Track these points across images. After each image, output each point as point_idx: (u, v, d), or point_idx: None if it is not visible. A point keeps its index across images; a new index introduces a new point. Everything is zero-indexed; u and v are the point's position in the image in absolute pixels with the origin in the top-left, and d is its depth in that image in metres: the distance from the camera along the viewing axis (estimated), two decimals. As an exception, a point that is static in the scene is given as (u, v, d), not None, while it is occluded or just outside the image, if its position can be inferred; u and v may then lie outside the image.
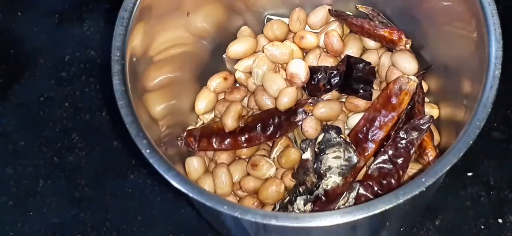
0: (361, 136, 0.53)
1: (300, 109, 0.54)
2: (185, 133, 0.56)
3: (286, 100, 0.54)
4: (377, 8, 0.58)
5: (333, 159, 0.50)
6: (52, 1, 0.74)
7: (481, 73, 0.45)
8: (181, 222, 0.61)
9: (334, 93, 0.56)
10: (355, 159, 0.50)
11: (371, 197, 0.49)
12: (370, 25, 0.57)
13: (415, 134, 0.50)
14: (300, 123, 0.54)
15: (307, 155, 0.51)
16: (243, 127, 0.55)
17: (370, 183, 0.49)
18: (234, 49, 0.58)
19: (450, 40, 0.52)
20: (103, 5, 0.73)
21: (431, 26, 0.54)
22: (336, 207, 0.49)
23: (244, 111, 0.57)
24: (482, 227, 0.59)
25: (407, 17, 0.56)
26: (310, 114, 0.54)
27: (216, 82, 0.57)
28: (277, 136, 0.55)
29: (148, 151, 0.43)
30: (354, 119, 0.54)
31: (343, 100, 0.56)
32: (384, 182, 0.49)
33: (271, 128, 0.54)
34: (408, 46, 0.56)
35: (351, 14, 0.59)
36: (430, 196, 0.54)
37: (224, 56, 0.60)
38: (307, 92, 0.56)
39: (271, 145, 0.56)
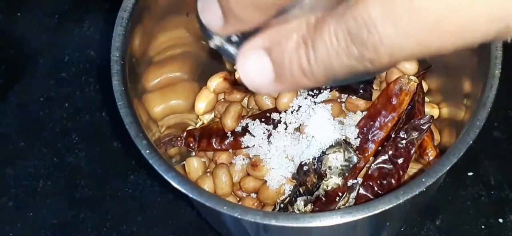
0: (361, 136, 0.53)
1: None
2: (185, 134, 0.56)
3: (286, 100, 0.54)
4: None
5: (334, 160, 0.50)
6: (52, 1, 0.74)
7: (481, 73, 0.44)
8: (181, 223, 0.61)
9: (334, 93, 0.56)
10: (355, 159, 0.50)
11: (371, 197, 0.49)
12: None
13: (415, 134, 0.50)
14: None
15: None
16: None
17: (370, 183, 0.49)
18: (234, 49, 0.58)
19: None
20: (103, 5, 0.73)
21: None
22: (336, 207, 0.49)
23: (244, 111, 0.57)
24: (483, 227, 0.58)
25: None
26: None
27: (215, 82, 0.57)
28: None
29: (147, 151, 0.43)
30: (354, 119, 0.54)
31: (343, 100, 0.56)
32: (384, 182, 0.49)
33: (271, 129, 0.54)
34: (408, 46, 0.56)
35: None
36: (431, 196, 0.54)
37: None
38: (307, 92, 0.56)
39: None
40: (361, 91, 0.54)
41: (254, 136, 0.53)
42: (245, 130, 0.54)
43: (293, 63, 0.22)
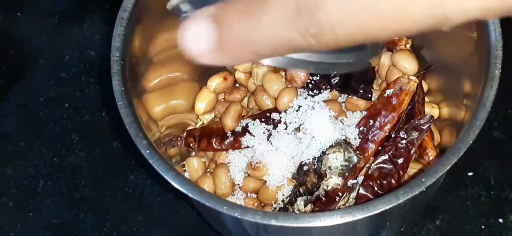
0: (361, 136, 0.53)
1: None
2: (185, 134, 0.56)
3: (286, 100, 0.54)
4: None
5: (334, 160, 0.50)
6: (52, 1, 0.74)
7: (481, 73, 0.44)
8: (181, 223, 0.61)
9: (334, 93, 0.56)
10: (355, 159, 0.50)
11: (371, 197, 0.49)
12: (370, 25, 0.57)
13: (415, 134, 0.50)
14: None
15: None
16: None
17: (370, 183, 0.49)
18: (234, 49, 0.58)
19: (450, 40, 0.52)
20: (103, 5, 0.73)
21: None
22: (336, 207, 0.49)
23: (244, 111, 0.57)
24: (483, 227, 0.58)
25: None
26: None
27: (216, 82, 0.57)
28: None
29: (148, 151, 0.43)
30: (354, 119, 0.54)
31: (343, 100, 0.56)
32: (384, 182, 0.49)
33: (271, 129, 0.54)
34: (408, 45, 0.56)
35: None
36: (431, 196, 0.54)
37: (224, 56, 0.60)
38: (307, 92, 0.56)
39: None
40: (361, 91, 0.54)
41: (254, 136, 0.53)
42: (245, 130, 0.54)
43: (235, 32, 0.22)
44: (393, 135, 0.51)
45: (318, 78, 0.55)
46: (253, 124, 0.54)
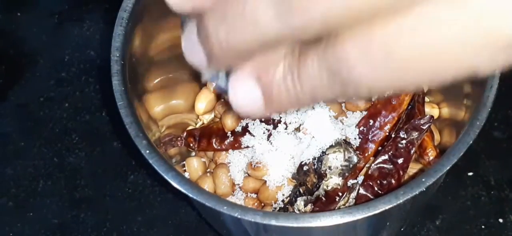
0: (361, 136, 0.53)
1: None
2: (185, 134, 0.56)
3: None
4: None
5: (334, 160, 0.50)
6: (51, 1, 0.74)
7: (481, 73, 0.44)
8: (181, 223, 0.61)
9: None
10: (355, 159, 0.50)
11: (371, 197, 0.49)
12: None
13: (415, 134, 0.50)
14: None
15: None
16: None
17: (370, 183, 0.49)
18: (234, 49, 0.58)
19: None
20: (103, 5, 0.73)
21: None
22: (336, 207, 0.49)
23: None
24: (483, 227, 0.58)
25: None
26: None
27: (216, 82, 0.57)
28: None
29: (147, 151, 0.43)
30: (354, 119, 0.54)
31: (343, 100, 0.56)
32: (385, 182, 0.49)
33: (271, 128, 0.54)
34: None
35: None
36: (431, 196, 0.54)
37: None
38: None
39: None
40: (361, 91, 0.54)
41: (254, 136, 0.53)
42: (245, 130, 0.54)
43: (281, 91, 0.23)
44: (393, 135, 0.51)
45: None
46: (253, 124, 0.54)
